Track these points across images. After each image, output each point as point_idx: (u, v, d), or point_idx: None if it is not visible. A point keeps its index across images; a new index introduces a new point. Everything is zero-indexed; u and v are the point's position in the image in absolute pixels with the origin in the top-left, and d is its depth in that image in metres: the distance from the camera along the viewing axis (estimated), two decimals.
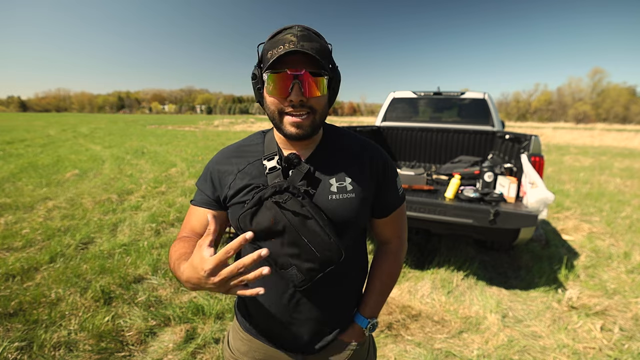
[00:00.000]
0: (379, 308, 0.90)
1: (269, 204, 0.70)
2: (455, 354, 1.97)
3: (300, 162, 0.75)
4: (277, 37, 0.69)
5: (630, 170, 8.80)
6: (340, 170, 0.78)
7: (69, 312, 2.18)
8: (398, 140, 4.49)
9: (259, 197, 0.70)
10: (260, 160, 0.79)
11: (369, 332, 0.88)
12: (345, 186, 0.77)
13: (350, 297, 0.88)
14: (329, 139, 0.83)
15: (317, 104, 0.71)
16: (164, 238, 3.51)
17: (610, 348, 2.03)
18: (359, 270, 0.89)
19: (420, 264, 3.09)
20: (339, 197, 0.76)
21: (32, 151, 9.81)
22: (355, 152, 0.82)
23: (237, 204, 0.77)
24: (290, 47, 0.64)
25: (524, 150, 2.77)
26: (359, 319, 0.88)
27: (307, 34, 0.68)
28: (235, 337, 0.91)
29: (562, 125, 45.78)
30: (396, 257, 0.90)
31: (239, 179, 0.78)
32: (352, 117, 77.98)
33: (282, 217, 0.69)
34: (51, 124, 27.06)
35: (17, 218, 3.95)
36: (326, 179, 0.77)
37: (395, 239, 0.91)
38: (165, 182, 6.07)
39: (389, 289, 0.91)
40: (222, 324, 2.16)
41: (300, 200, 0.69)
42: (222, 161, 0.82)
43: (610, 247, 3.57)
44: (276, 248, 0.71)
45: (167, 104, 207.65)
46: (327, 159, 0.79)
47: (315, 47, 0.67)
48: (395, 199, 0.86)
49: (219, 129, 25.67)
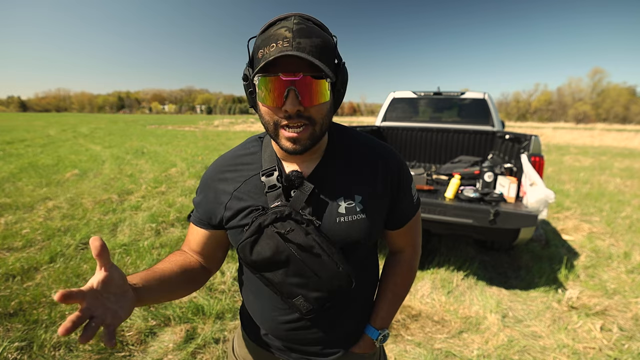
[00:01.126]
0: (391, 319, 0.84)
1: (269, 232, 0.63)
2: (455, 354, 1.96)
3: (302, 182, 0.66)
4: (269, 30, 0.58)
5: (630, 170, 8.80)
6: (349, 187, 0.69)
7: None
8: (398, 140, 4.49)
9: (258, 224, 0.63)
10: (258, 176, 0.70)
11: (380, 343, 0.83)
12: (355, 206, 0.68)
13: (361, 312, 0.83)
14: (337, 146, 0.73)
15: (318, 114, 0.60)
16: (164, 238, 3.51)
17: (610, 348, 2.03)
18: (370, 284, 0.84)
19: (420, 264, 3.09)
20: (348, 219, 0.68)
21: (32, 151, 9.80)
22: (366, 161, 0.72)
23: (235, 227, 0.70)
24: (284, 47, 0.54)
25: (524, 150, 2.77)
26: (369, 331, 0.82)
27: (304, 28, 0.56)
28: (241, 345, 0.87)
29: (562, 125, 45.79)
30: (410, 266, 0.84)
31: (235, 200, 0.70)
32: (352, 117, 78.03)
33: (286, 248, 0.62)
34: (51, 124, 27.05)
35: (17, 218, 3.95)
36: (333, 200, 0.68)
37: (409, 247, 0.84)
38: (165, 182, 6.07)
39: (402, 299, 0.85)
40: (222, 324, 2.16)
41: (304, 227, 0.62)
42: (216, 177, 0.74)
43: (610, 247, 3.56)
44: (280, 278, 0.66)
45: (167, 104, 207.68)
46: (334, 175, 0.70)
47: (315, 44, 0.56)
48: (410, 208, 0.79)
49: (219, 129, 25.66)
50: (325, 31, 0.62)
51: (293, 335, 0.76)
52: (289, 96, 0.57)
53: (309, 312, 0.68)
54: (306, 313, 0.68)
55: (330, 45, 0.60)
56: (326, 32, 0.62)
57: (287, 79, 0.56)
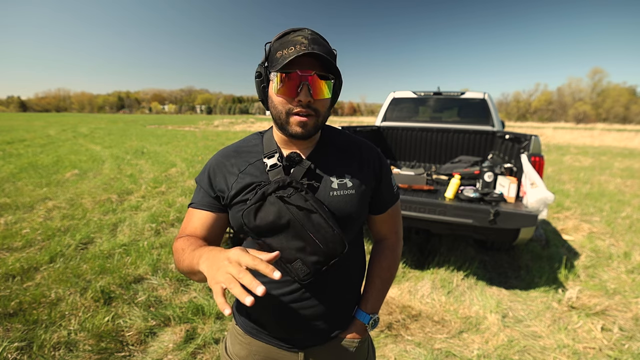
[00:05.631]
0: (380, 303, 0.91)
1: (272, 199, 0.71)
2: (455, 354, 1.96)
3: (302, 160, 0.77)
4: (287, 37, 0.70)
5: (630, 170, 8.80)
6: (340, 167, 0.81)
7: (69, 312, 2.18)
8: (398, 140, 4.49)
9: (262, 192, 0.71)
10: (261, 160, 0.79)
11: (371, 328, 0.88)
12: (346, 183, 0.79)
13: (351, 295, 0.89)
14: (327, 138, 0.85)
15: (322, 107, 0.73)
16: (164, 238, 3.51)
17: (610, 348, 2.03)
18: (359, 268, 0.91)
19: (420, 264, 3.09)
20: (340, 193, 0.78)
21: (32, 151, 9.81)
22: (352, 150, 0.84)
23: (239, 203, 0.77)
24: (302, 49, 0.66)
25: (524, 150, 2.77)
26: (360, 315, 0.88)
27: (316, 38, 0.71)
28: (234, 342, 0.90)
29: (562, 125, 45.81)
30: (394, 252, 0.93)
31: (240, 179, 0.78)
32: (352, 117, 78.01)
33: (287, 212, 0.70)
34: (51, 124, 27.06)
35: (17, 218, 3.95)
36: (327, 176, 0.79)
37: (392, 234, 0.94)
38: (165, 182, 6.07)
39: (389, 284, 0.93)
40: (222, 324, 2.16)
41: (303, 194, 0.71)
42: (222, 161, 0.82)
43: (610, 247, 3.56)
44: (281, 242, 0.72)
45: (167, 104, 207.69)
46: (327, 157, 0.82)
47: (325, 51, 0.69)
48: (391, 195, 0.89)
49: (218, 129, 25.67)
50: (329, 45, 0.75)
51: (287, 311, 0.79)
52: (302, 89, 0.69)
53: (306, 277, 0.73)
54: (303, 277, 0.73)
55: (333, 55, 0.74)
56: (329, 46, 0.75)
57: (303, 74, 0.68)
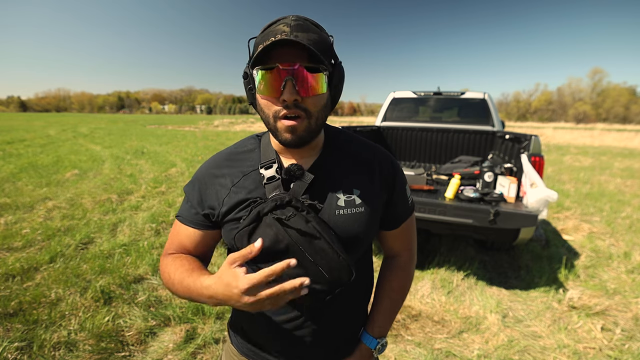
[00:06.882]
0: (389, 326, 0.81)
1: (269, 220, 0.60)
2: (455, 354, 1.96)
3: (303, 173, 0.66)
4: (269, 28, 0.60)
5: (631, 170, 8.80)
6: (348, 181, 0.70)
7: (69, 312, 2.18)
8: (398, 140, 4.49)
9: (257, 212, 0.61)
10: (257, 170, 0.69)
11: (378, 353, 0.79)
12: (354, 199, 0.69)
13: (357, 317, 0.80)
14: (333, 144, 0.74)
15: (314, 106, 0.61)
16: (164, 238, 3.51)
17: (611, 348, 2.03)
18: (366, 286, 0.81)
19: (420, 264, 3.09)
20: (347, 212, 0.68)
21: (32, 151, 9.80)
22: (363, 159, 0.73)
23: (231, 221, 0.68)
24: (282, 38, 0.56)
25: (524, 150, 2.77)
26: (367, 339, 0.79)
27: (302, 24, 0.59)
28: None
29: (562, 125, 45.79)
30: (406, 272, 0.82)
31: (233, 194, 0.68)
32: (352, 117, 77.99)
33: (285, 236, 0.60)
34: (51, 124, 27.05)
35: (17, 218, 3.95)
36: (332, 192, 0.68)
37: (405, 251, 0.83)
38: (165, 182, 6.07)
39: (399, 305, 0.82)
40: (222, 324, 2.16)
41: (305, 215, 0.60)
42: (213, 172, 0.72)
43: (611, 247, 3.56)
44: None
45: (167, 104, 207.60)
46: (333, 169, 0.70)
47: (312, 38, 0.58)
48: (405, 209, 0.79)
49: (218, 129, 25.66)
50: (322, 30, 0.63)
51: (288, 338, 0.73)
52: (286, 86, 0.58)
53: (308, 307, 0.66)
54: (306, 307, 0.66)
55: (327, 42, 0.62)
56: (323, 32, 0.63)
57: (285, 68, 0.57)
